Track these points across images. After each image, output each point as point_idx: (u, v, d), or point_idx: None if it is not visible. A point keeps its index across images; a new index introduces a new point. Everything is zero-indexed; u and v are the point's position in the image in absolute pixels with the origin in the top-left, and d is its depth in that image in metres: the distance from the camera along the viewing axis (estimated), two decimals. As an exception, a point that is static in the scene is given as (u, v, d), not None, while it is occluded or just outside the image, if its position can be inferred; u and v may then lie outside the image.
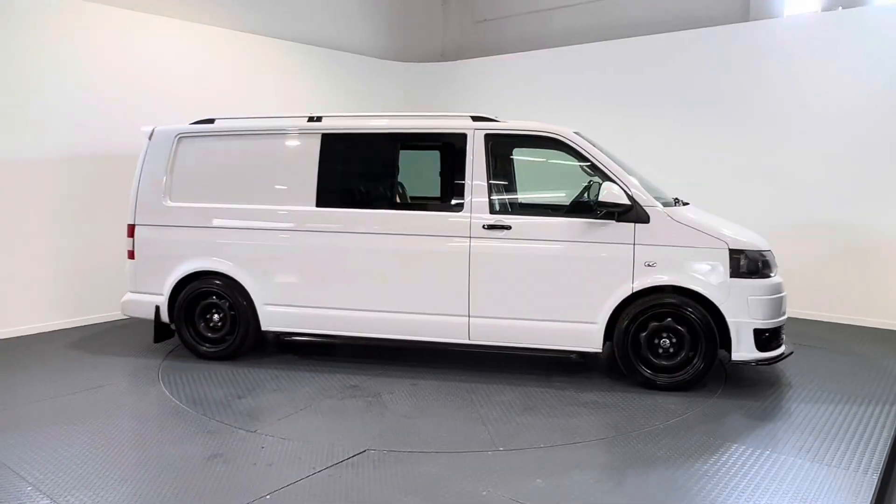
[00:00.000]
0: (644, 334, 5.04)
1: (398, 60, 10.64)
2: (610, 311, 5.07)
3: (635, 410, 4.67)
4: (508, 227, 5.20)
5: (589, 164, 5.22)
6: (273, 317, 5.66)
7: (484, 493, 3.46)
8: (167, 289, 5.77)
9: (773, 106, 7.81)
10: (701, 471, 3.71)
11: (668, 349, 5.04)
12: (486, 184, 5.29)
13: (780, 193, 7.81)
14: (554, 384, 5.25)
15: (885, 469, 3.80)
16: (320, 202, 5.53)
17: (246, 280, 5.63)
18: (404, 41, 10.91)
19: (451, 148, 5.53)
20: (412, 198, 6.45)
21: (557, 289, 5.17)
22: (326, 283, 5.54)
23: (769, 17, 8.16)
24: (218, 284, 5.69)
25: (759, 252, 5.04)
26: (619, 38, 9.05)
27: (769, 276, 5.04)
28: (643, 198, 5.05)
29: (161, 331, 5.90)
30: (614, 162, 5.25)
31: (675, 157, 8.53)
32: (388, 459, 3.86)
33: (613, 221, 5.04)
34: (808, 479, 3.60)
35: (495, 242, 5.22)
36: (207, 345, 5.80)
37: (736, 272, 4.92)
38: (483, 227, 5.22)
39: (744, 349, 4.95)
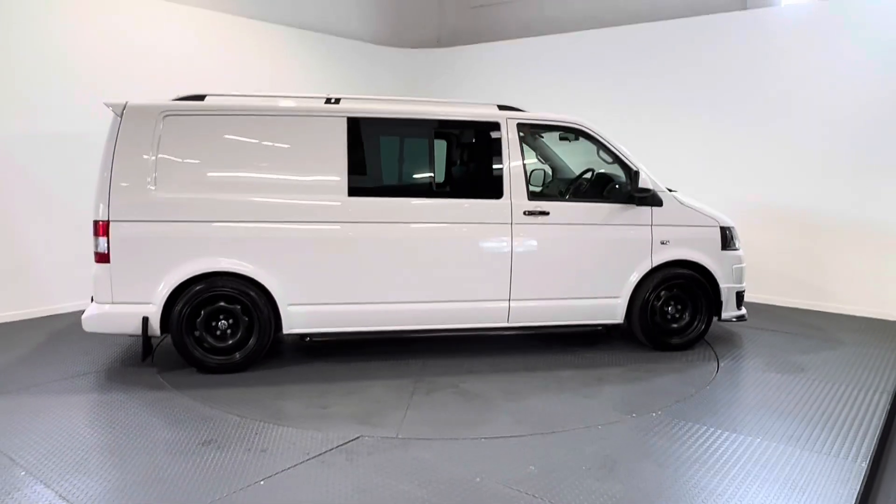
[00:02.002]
0: (659, 304, 5.75)
1: (393, 46, 10.56)
2: (633, 286, 5.67)
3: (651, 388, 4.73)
4: (547, 213, 5.46)
5: (609, 153, 5.70)
6: (298, 318, 5.14)
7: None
8: (162, 296, 4.90)
9: (770, 95, 7.80)
10: (692, 458, 3.75)
11: (675, 315, 5.82)
12: (522, 171, 5.47)
13: (774, 182, 7.82)
14: (587, 358, 5.66)
15: (875, 457, 3.84)
16: (353, 192, 5.14)
17: (268, 280, 5.02)
18: (400, 27, 10.84)
19: (485, 136, 5.53)
20: (448, 185, 5.97)
21: (589, 268, 5.63)
22: (363, 277, 5.20)
23: (766, 5, 8.13)
24: (232, 287, 4.99)
25: (732, 228, 5.98)
26: (615, 25, 9.00)
27: (738, 249, 5.99)
28: (658, 184, 5.67)
29: (148, 346, 5.06)
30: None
31: (669, 144, 8.52)
32: (381, 446, 3.87)
33: (635, 205, 5.61)
34: (798, 467, 3.64)
35: (535, 227, 5.45)
36: (217, 356, 5.06)
37: (723, 246, 5.86)
38: (524, 213, 5.41)
39: (729, 309, 5.92)
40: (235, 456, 3.72)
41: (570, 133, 5.78)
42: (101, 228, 4.85)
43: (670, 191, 5.82)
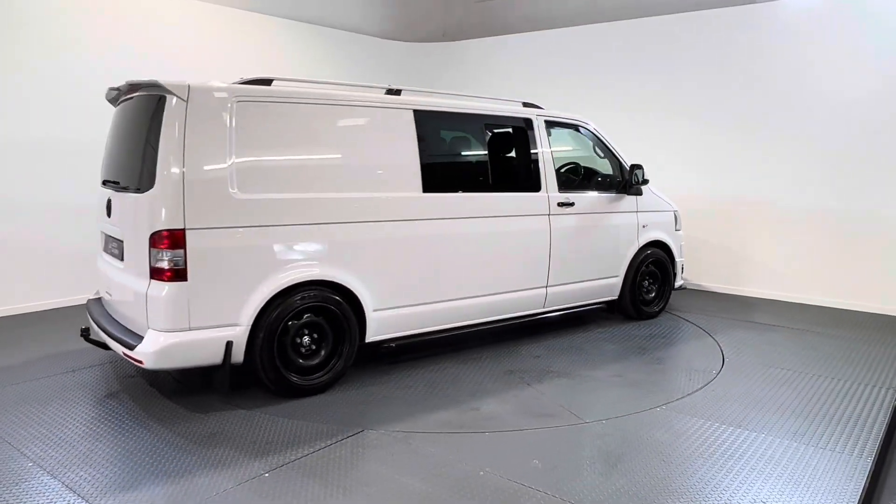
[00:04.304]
0: (638, 280, 6.62)
1: (399, 40, 10.54)
2: (627, 265, 6.47)
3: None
4: (572, 204, 5.92)
5: (605, 148, 6.40)
6: (381, 323, 4.83)
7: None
8: (249, 314, 4.19)
9: (778, 87, 7.76)
10: (697, 453, 3.74)
11: (649, 289, 6.78)
12: (553, 165, 5.87)
13: (781, 177, 7.79)
14: (601, 335, 6.26)
15: (880, 453, 3.82)
16: (426, 187, 4.97)
17: (356, 285, 4.61)
18: (405, 20, 10.80)
19: (523, 131, 5.80)
20: (500, 179, 5.90)
21: (601, 252, 6.26)
22: (438, 274, 5.10)
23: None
24: (321, 296, 4.48)
25: (678, 212, 7.04)
26: (620, 19, 8.96)
27: (681, 229, 7.10)
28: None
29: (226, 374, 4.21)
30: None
31: (678, 138, 8.50)
32: (384, 440, 3.88)
33: (626, 195, 6.39)
34: (803, 463, 3.63)
35: (565, 217, 5.89)
36: (304, 377, 4.49)
37: (675, 227, 6.98)
38: (557, 204, 5.82)
39: (678, 279, 7.03)
40: (241, 448, 3.73)
41: (578, 130, 6.26)
42: (173, 239, 3.95)
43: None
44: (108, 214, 4.66)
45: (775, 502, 3.20)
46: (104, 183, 4.84)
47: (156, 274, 4.00)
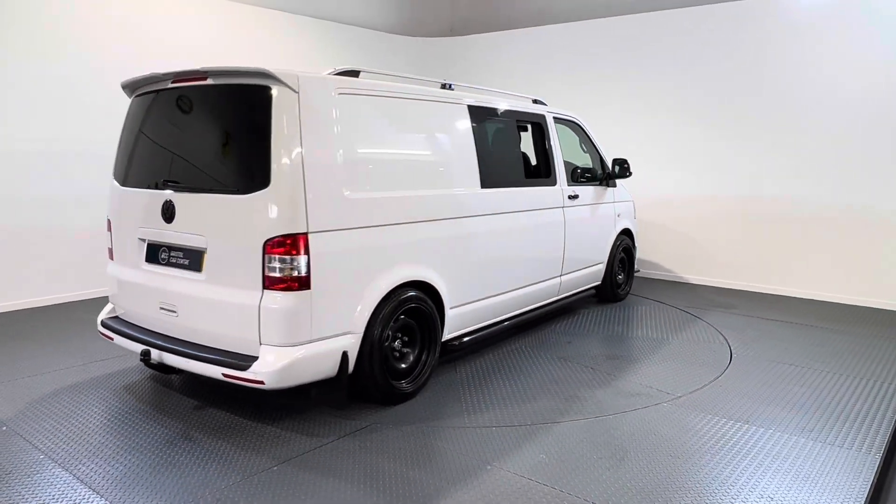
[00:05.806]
0: (613, 265, 7.12)
1: (406, 35, 10.53)
2: (609, 251, 6.99)
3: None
4: (577, 196, 6.32)
5: (590, 143, 6.81)
6: (454, 321, 4.80)
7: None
8: (362, 321, 3.99)
9: (784, 81, 7.71)
10: (704, 448, 3.74)
11: (618, 272, 7.26)
12: (562, 160, 6.17)
13: (786, 171, 7.75)
14: (597, 319, 6.73)
15: (888, 449, 3.81)
16: (484, 183, 5.02)
17: (440, 283, 4.55)
18: (412, 15, 10.79)
19: (541, 127, 6.09)
20: (530, 174, 6.02)
21: (594, 240, 6.71)
22: (495, 269, 5.19)
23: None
24: (414, 297, 4.35)
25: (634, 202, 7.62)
26: (628, 13, 8.91)
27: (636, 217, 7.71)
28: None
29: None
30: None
31: (685, 132, 8.46)
32: (393, 434, 3.90)
33: (605, 187, 6.86)
34: (811, 458, 3.63)
35: (573, 209, 6.25)
36: (406, 382, 4.40)
37: (634, 215, 7.54)
38: (568, 196, 6.17)
39: (635, 264, 7.62)
40: (250, 442, 3.76)
41: (571, 125, 6.58)
42: (296, 244, 3.63)
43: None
44: (168, 219, 4.07)
45: (783, 498, 3.20)
46: (165, 183, 4.12)
47: (273, 284, 3.63)
